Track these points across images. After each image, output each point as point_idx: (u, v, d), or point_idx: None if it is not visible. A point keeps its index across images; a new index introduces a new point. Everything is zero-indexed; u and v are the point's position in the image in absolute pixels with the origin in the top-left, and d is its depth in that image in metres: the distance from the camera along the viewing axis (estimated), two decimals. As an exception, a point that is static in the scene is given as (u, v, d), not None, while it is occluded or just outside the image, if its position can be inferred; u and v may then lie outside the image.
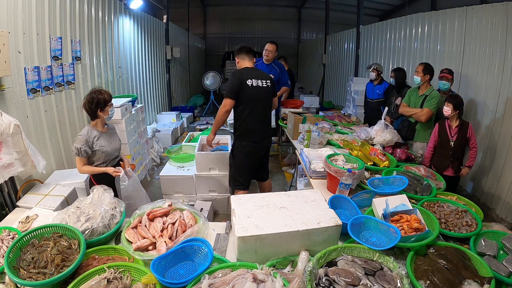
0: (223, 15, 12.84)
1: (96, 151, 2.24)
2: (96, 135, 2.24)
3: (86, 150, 2.18)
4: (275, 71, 4.21)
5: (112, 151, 2.32)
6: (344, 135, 3.20)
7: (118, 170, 2.23)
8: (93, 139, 2.22)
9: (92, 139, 2.22)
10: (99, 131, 2.28)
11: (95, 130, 2.27)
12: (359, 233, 1.52)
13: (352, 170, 2.00)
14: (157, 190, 3.86)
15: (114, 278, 1.21)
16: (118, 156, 2.44)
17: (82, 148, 2.15)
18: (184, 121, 6.94)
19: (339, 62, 8.80)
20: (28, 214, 1.83)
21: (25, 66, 2.54)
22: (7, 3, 2.33)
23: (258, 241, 1.33)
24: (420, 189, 2.02)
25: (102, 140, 2.27)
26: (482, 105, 3.57)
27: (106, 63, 4.19)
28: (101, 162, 2.29)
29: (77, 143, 2.16)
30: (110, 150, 2.30)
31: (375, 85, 4.41)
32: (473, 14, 3.74)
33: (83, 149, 2.16)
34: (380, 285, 1.18)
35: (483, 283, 1.21)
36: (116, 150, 2.37)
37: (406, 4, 7.87)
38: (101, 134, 2.29)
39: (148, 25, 6.09)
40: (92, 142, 2.21)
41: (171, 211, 1.71)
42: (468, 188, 3.83)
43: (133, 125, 3.92)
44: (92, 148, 2.22)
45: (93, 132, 2.25)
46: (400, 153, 2.74)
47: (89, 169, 2.23)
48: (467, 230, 1.61)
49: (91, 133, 2.23)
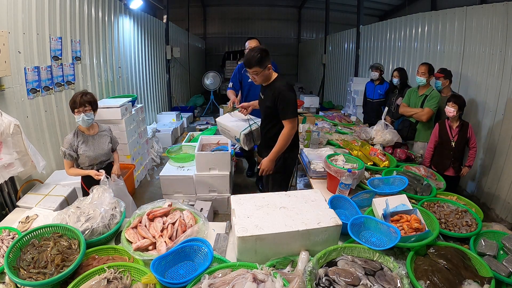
0: (223, 15, 12.84)
1: (79, 155, 2.25)
2: (81, 139, 2.24)
3: (71, 153, 2.20)
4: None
5: (96, 156, 2.28)
6: (344, 135, 3.20)
7: (99, 174, 2.21)
8: (77, 143, 2.22)
9: (76, 143, 2.22)
10: (85, 134, 2.27)
11: (81, 133, 2.26)
12: (359, 233, 1.52)
13: (352, 170, 2.00)
14: (157, 190, 3.86)
15: (114, 278, 1.21)
16: (107, 160, 2.40)
17: (66, 152, 2.20)
18: (184, 121, 6.94)
19: (339, 62, 8.80)
20: (28, 214, 1.83)
21: (25, 66, 2.54)
22: (7, 3, 2.33)
23: (258, 241, 1.33)
24: (420, 189, 2.02)
25: (86, 144, 2.25)
26: (482, 105, 3.57)
27: (106, 63, 4.19)
28: (86, 165, 2.28)
29: (62, 146, 2.21)
30: (94, 155, 2.27)
31: (376, 85, 4.41)
32: (473, 14, 3.74)
33: (67, 152, 2.19)
34: (380, 285, 1.18)
35: (483, 283, 1.21)
36: (102, 154, 2.32)
37: (406, 4, 7.86)
38: (87, 138, 2.27)
39: (148, 25, 6.09)
40: (76, 146, 2.22)
41: (171, 211, 1.71)
42: (468, 188, 3.83)
43: (133, 125, 3.92)
44: (76, 151, 2.23)
45: (78, 136, 2.24)
46: (400, 153, 2.74)
47: (74, 172, 2.27)
48: (467, 230, 1.61)
49: (75, 138, 2.23)
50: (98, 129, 2.35)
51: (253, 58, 2.06)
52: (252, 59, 2.07)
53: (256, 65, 2.08)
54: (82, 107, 2.15)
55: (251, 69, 2.12)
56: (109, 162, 2.42)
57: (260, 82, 2.23)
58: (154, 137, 5.18)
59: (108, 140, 2.38)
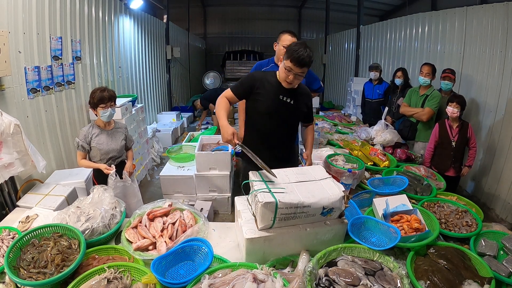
0: (223, 15, 12.83)
1: (92, 148, 2.31)
2: (96, 132, 2.31)
3: (84, 145, 2.27)
4: None
5: (108, 150, 2.34)
6: (344, 135, 3.20)
7: (110, 168, 2.27)
8: (91, 136, 2.29)
9: (90, 136, 2.29)
10: (101, 128, 2.34)
11: (97, 127, 2.34)
12: (359, 233, 1.52)
13: (352, 170, 2.00)
14: (157, 190, 3.86)
15: (114, 278, 1.21)
16: (120, 157, 2.44)
17: (80, 143, 2.27)
18: (184, 121, 6.94)
19: (339, 62, 8.80)
20: (28, 214, 1.83)
21: (25, 66, 2.54)
22: (7, 3, 2.32)
23: (266, 242, 1.34)
24: (420, 189, 2.02)
25: (101, 138, 2.31)
26: (483, 105, 3.57)
27: (106, 63, 4.19)
28: (97, 159, 2.34)
29: (77, 137, 2.29)
30: (107, 149, 2.33)
31: (375, 85, 4.41)
32: (473, 14, 3.74)
33: (81, 143, 2.27)
34: (380, 285, 1.18)
35: (483, 283, 1.21)
36: (114, 150, 2.37)
37: (406, 4, 7.85)
38: (102, 131, 2.34)
39: (148, 25, 6.09)
40: (90, 139, 2.29)
41: (171, 211, 1.71)
42: (468, 188, 3.83)
43: (133, 125, 3.93)
44: (90, 144, 2.29)
45: (93, 129, 2.32)
46: (400, 153, 2.74)
47: (85, 163, 2.33)
48: (467, 230, 1.61)
49: (91, 130, 2.31)
50: (114, 125, 2.43)
51: (309, 56, 1.69)
52: (309, 58, 1.68)
53: (309, 64, 1.73)
54: (109, 102, 2.25)
55: (301, 69, 1.71)
56: (121, 160, 2.47)
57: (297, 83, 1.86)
58: (154, 137, 5.18)
59: (122, 137, 2.45)
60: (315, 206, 1.35)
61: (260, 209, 1.29)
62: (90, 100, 2.28)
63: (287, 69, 1.72)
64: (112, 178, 2.26)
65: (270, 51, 3.11)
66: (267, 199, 1.29)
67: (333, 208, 1.38)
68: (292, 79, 1.75)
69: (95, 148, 2.30)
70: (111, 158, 2.37)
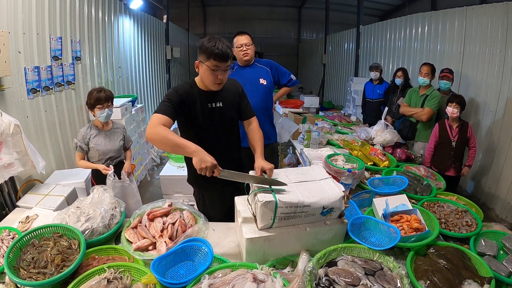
0: (223, 15, 12.83)
1: (91, 148, 2.32)
2: (94, 133, 2.32)
3: (82, 146, 2.29)
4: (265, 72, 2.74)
5: (106, 151, 2.35)
6: (344, 135, 3.20)
7: (108, 169, 2.28)
8: (89, 137, 2.31)
9: (89, 137, 2.30)
10: (99, 129, 2.35)
11: (95, 127, 2.34)
12: (359, 233, 1.52)
13: (352, 170, 2.00)
14: (157, 190, 3.86)
15: (114, 278, 1.21)
16: (118, 157, 2.45)
17: (78, 143, 2.28)
18: (184, 121, 6.94)
19: (339, 62, 8.80)
20: (28, 214, 1.83)
21: (25, 66, 2.54)
22: (7, 3, 2.33)
23: (266, 241, 1.34)
24: (420, 189, 2.02)
25: (99, 138, 2.32)
26: (482, 105, 3.57)
27: (106, 63, 4.19)
28: (96, 159, 2.35)
29: (76, 138, 2.31)
30: (105, 149, 2.34)
31: (375, 85, 4.41)
32: (473, 14, 3.74)
33: (79, 144, 2.28)
34: (380, 285, 1.18)
35: (483, 283, 1.21)
36: (112, 150, 2.38)
37: (406, 4, 7.87)
38: (100, 132, 2.34)
39: (148, 25, 6.09)
40: (88, 139, 2.30)
41: (171, 211, 1.71)
42: (468, 188, 3.83)
43: (133, 125, 3.93)
44: (88, 145, 2.30)
45: (91, 130, 2.33)
46: (400, 153, 2.73)
47: (84, 164, 2.34)
48: (467, 230, 1.61)
49: (89, 131, 2.32)
50: (112, 125, 2.43)
51: (229, 46, 1.66)
52: (229, 48, 1.65)
53: (232, 55, 1.64)
54: (106, 102, 2.27)
55: (227, 62, 1.63)
56: (120, 160, 2.47)
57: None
58: (154, 137, 5.18)
59: (120, 138, 2.45)
60: (315, 206, 1.35)
61: (260, 208, 1.29)
62: (87, 101, 2.29)
63: (214, 69, 1.58)
64: (110, 179, 2.26)
65: (270, 51, 3.05)
66: (267, 198, 1.30)
67: (333, 208, 1.38)
68: (222, 77, 1.61)
69: (93, 149, 2.31)
70: (109, 158, 2.37)
